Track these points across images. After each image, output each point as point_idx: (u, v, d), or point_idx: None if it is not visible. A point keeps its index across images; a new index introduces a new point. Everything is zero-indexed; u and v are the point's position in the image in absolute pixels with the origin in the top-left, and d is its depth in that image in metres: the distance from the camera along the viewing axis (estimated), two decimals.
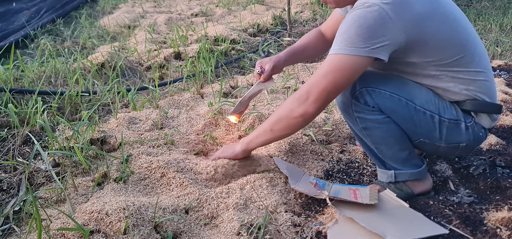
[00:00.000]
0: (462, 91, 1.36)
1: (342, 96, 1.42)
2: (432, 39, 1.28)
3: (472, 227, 1.34)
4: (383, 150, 1.44)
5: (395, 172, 1.48)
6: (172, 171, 1.59)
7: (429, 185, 1.54)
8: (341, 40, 1.25)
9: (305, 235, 1.33)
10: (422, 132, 1.38)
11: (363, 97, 1.36)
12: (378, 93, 1.35)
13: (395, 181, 1.49)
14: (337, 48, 1.26)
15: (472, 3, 5.31)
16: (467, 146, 1.42)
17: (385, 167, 1.50)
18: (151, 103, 2.34)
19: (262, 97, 2.38)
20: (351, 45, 1.22)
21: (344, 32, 1.24)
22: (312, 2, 5.26)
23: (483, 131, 1.43)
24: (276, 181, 1.57)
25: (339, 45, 1.25)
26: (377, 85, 1.35)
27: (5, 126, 1.99)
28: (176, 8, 5.56)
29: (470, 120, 1.40)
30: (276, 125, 1.44)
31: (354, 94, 1.37)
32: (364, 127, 1.40)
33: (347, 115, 1.45)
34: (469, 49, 1.33)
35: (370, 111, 1.37)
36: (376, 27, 1.21)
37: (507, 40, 3.72)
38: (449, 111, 1.38)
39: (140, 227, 1.28)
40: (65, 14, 4.88)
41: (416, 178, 1.49)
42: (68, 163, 1.66)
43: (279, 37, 3.83)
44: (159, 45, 3.54)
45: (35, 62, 2.89)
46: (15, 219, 1.37)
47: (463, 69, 1.33)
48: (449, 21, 1.31)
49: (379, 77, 1.37)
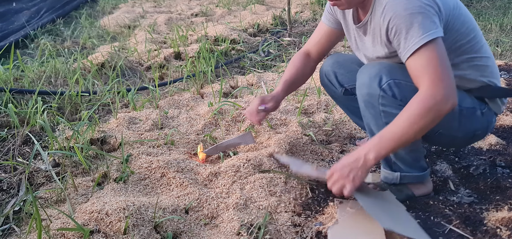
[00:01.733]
0: (478, 78, 1.39)
1: (368, 88, 1.36)
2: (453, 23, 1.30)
3: (472, 227, 1.34)
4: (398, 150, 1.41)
5: (400, 174, 1.47)
6: (172, 171, 1.59)
7: (430, 188, 1.54)
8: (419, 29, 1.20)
9: (305, 235, 1.33)
10: (443, 123, 1.31)
11: (392, 89, 1.32)
12: (405, 86, 1.31)
13: (399, 183, 1.48)
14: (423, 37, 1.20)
15: (472, 3, 5.31)
16: (481, 133, 1.46)
17: (391, 168, 1.48)
18: (151, 103, 2.34)
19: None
20: (429, 29, 1.20)
21: (412, 24, 1.20)
22: (312, 2, 5.25)
23: (495, 117, 1.46)
24: (276, 181, 1.57)
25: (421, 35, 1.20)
26: (404, 78, 1.32)
27: (5, 126, 1.99)
28: (176, 8, 5.56)
29: (484, 106, 1.42)
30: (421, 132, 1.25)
31: (382, 86, 1.33)
32: (387, 122, 1.33)
33: (371, 109, 1.38)
34: (478, 35, 1.38)
35: (397, 106, 1.32)
36: (429, 2, 1.22)
37: (507, 40, 3.72)
38: (465, 100, 1.39)
39: (140, 227, 1.28)
40: (65, 14, 4.89)
41: (419, 181, 1.49)
42: (68, 163, 1.66)
43: (279, 37, 3.83)
44: (159, 45, 3.54)
45: (35, 62, 2.90)
46: (15, 219, 1.37)
47: (476, 55, 1.37)
48: (461, 7, 1.35)
49: (403, 70, 1.33)
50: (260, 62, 3.22)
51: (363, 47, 1.47)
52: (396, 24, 1.23)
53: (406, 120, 1.23)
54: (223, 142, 1.79)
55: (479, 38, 1.38)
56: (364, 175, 1.28)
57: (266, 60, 3.28)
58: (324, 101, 2.33)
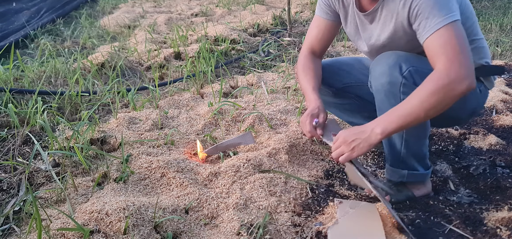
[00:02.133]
0: (476, 61, 1.44)
1: (389, 76, 1.34)
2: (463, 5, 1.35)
3: (472, 227, 1.34)
4: (411, 142, 1.41)
5: (408, 172, 1.46)
6: (172, 171, 1.59)
7: (429, 188, 1.54)
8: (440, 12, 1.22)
9: (305, 235, 1.33)
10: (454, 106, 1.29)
11: (412, 77, 1.32)
12: (424, 74, 1.27)
13: (406, 181, 1.48)
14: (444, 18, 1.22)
15: (472, 3, 5.32)
16: (477, 110, 1.55)
17: (399, 166, 1.47)
18: (151, 103, 2.34)
19: (262, 97, 2.38)
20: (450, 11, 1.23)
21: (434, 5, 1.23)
22: (312, 2, 5.25)
23: (488, 93, 1.55)
24: (276, 181, 1.57)
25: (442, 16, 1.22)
26: (422, 66, 1.32)
27: (5, 126, 1.99)
28: (176, 8, 5.56)
29: (480, 84, 1.48)
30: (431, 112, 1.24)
31: (403, 74, 1.32)
32: None
33: (391, 98, 1.35)
34: (475, 17, 1.44)
35: None
36: None
37: (507, 40, 3.72)
38: None
39: (140, 227, 1.28)
40: (65, 14, 4.89)
41: (421, 181, 1.50)
42: (68, 163, 1.66)
43: (279, 37, 3.83)
44: (159, 45, 3.54)
45: (35, 62, 2.90)
46: (15, 219, 1.37)
47: (476, 37, 1.44)
48: None
49: (420, 58, 1.35)
50: (260, 62, 3.22)
51: (365, 34, 1.49)
52: (418, 4, 1.25)
53: (417, 97, 1.22)
54: (223, 142, 1.79)
55: (476, 21, 1.46)
56: (365, 148, 1.28)
57: (266, 60, 3.28)
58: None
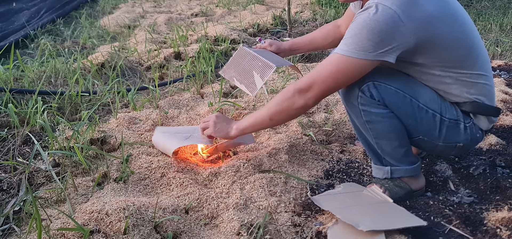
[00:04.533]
0: (463, 94, 1.39)
1: (347, 88, 1.42)
2: (440, 40, 1.29)
3: (472, 227, 1.35)
4: (383, 145, 1.45)
5: (391, 168, 1.49)
6: (172, 171, 1.59)
7: (423, 183, 1.56)
8: (351, 42, 1.26)
9: (305, 235, 1.33)
10: (423, 129, 1.40)
11: (370, 90, 1.37)
12: (384, 88, 1.36)
13: (391, 177, 1.50)
14: (346, 50, 1.27)
15: (472, 3, 5.31)
16: (464, 146, 1.45)
17: (382, 163, 1.51)
18: (151, 103, 2.34)
19: (262, 97, 2.38)
20: (361, 49, 1.25)
21: (355, 35, 1.26)
22: (312, 2, 5.25)
23: (480, 133, 1.46)
24: (276, 181, 1.57)
25: (348, 46, 1.27)
26: (384, 80, 1.37)
27: (5, 126, 1.99)
28: (176, 8, 5.56)
29: (469, 121, 1.42)
30: (276, 115, 1.46)
31: (361, 87, 1.38)
32: (367, 120, 1.41)
33: (351, 107, 1.45)
34: (474, 52, 1.36)
35: (375, 105, 1.38)
36: (388, 31, 1.22)
37: (507, 40, 3.72)
38: (450, 111, 1.40)
39: (140, 227, 1.28)
40: (65, 14, 4.88)
41: (411, 174, 1.50)
42: (68, 163, 1.66)
43: (279, 37, 3.83)
44: (159, 45, 3.54)
45: (35, 62, 2.89)
46: (15, 219, 1.37)
47: (466, 71, 1.36)
48: (457, 23, 1.34)
49: (385, 72, 1.39)
50: None
51: None
52: (350, 27, 1.30)
53: (267, 104, 1.48)
54: (223, 142, 1.79)
55: (475, 56, 1.37)
56: (222, 134, 1.58)
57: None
58: (324, 101, 2.33)
